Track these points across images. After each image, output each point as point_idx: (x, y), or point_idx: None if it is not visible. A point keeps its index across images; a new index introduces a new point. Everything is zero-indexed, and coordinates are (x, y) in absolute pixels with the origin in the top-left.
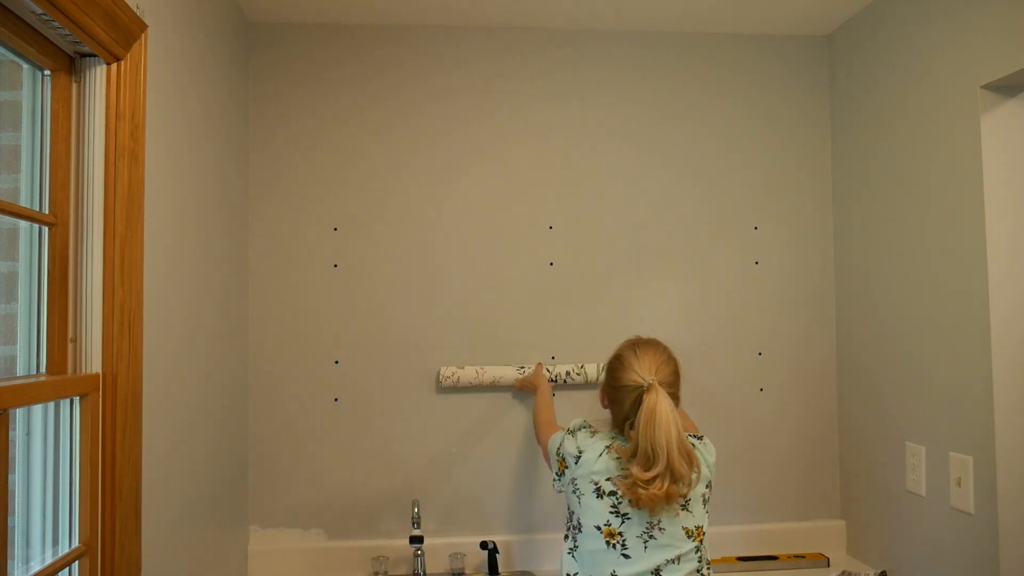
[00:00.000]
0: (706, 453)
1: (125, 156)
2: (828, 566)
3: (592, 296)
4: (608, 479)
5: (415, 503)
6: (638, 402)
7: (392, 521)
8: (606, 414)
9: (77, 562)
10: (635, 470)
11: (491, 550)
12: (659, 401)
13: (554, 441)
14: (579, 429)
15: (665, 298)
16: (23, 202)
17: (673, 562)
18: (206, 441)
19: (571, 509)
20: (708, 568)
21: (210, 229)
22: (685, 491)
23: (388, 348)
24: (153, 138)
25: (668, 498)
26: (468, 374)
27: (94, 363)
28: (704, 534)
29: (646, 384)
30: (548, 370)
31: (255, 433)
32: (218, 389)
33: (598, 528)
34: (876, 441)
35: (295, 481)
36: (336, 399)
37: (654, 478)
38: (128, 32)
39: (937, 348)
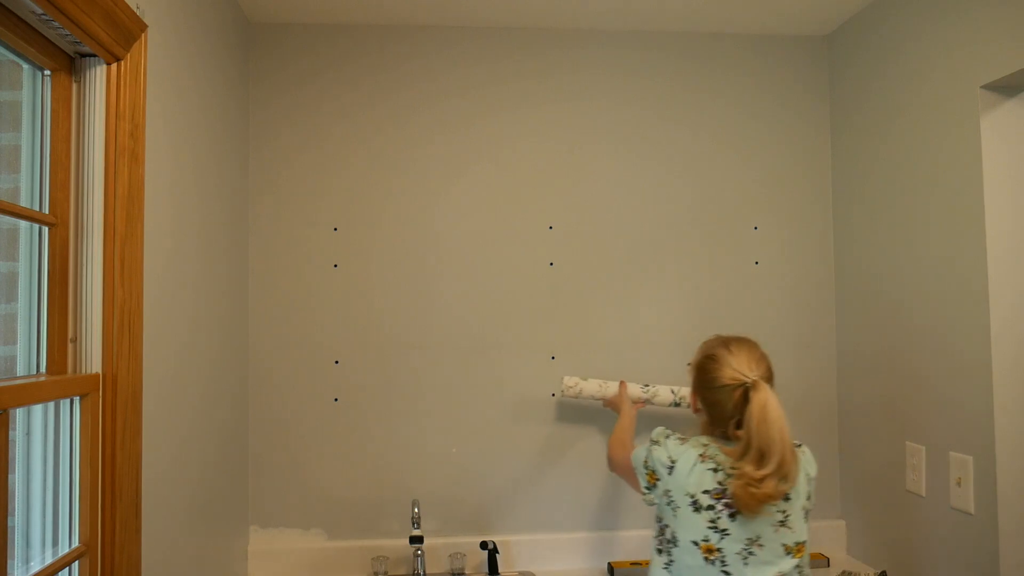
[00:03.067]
0: (806, 464)
1: (125, 156)
2: (828, 566)
3: (592, 296)
4: (705, 492)
5: (415, 503)
6: (743, 400)
7: (392, 521)
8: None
9: (77, 562)
10: (748, 468)
11: (491, 550)
12: (769, 397)
13: (639, 454)
14: (667, 437)
15: (665, 298)
16: (23, 202)
17: None
18: (206, 441)
19: (664, 522)
20: None
21: (210, 229)
22: (787, 489)
23: (388, 348)
24: (153, 138)
25: (776, 497)
26: (591, 386)
27: (94, 363)
28: (805, 551)
29: (750, 381)
30: (673, 391)
31: (255, 433)
32: (218, 389)
33: (695, 543)
34: (876, 441)
35: (295, 481)
36: (336, 399)
37: (766, 476)
38: (128, 32)
39: (937, 348)
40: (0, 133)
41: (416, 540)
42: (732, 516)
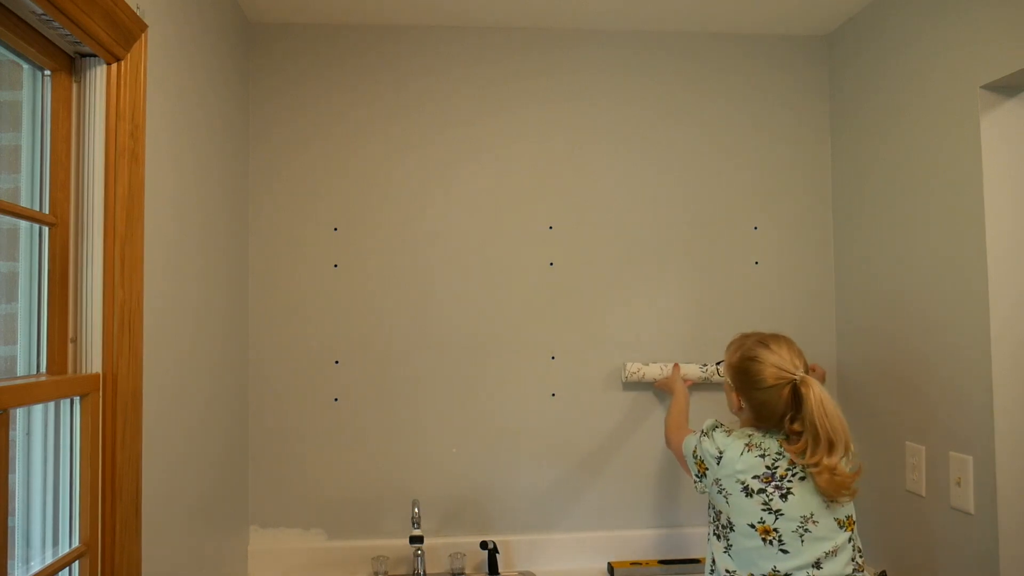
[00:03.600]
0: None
1: (125, 156)
2: None
3: (592, 296)
4: (755, 476)
5: (415, 503)
6: (792, 396)
7: (392, 521)
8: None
9: (77, 562)
10: (824, 460)
11: (491, 550)
12: (822, 390)
13: (689, 444)
14: (713, 429)
15: (665, 298)
16: (23, 202)
17: (831, 554)
18: (207, 441)
19: (718, 509)
20: (862, 557)
21: (210, 229)
22: (858, 465)
23: (388, 348)
24: (153, 138)
25: (854, 477)
26: (653, 370)
27: (94, 363)
28: (855, 524)
29: (799, 377)
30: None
31: (255, 433)
32: (218, 389)
33: (752, 526)
34: (876, 441)
35: (295, 481)
36: (336, 399)
37: (839, 462)
38: (128, 32)
39: (937, 348)
40: (0, 133)
41: (416, 540)
42: (783, 496)
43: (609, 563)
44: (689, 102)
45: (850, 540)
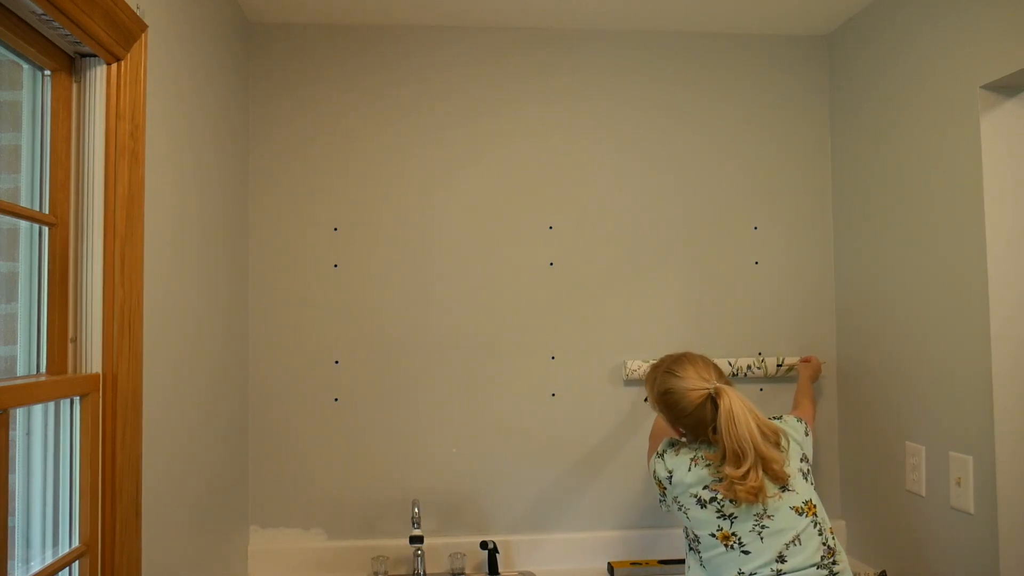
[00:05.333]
0: (789, 429)
1: (125, 156)
2: None
3: (592, 296)
4: (705, 487)
5: (415, 503)
6: (715, 408)
7: (392, 521)
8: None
9: (77, 562)
10: (728, 470)
11: (491, 550)
12: (732, 399)
13: (650, 467)
14: (665, 451)
15: (665, 298)
16: (23, 202)
17: (794, 543)
18: (207, 441)
19: (683, 525)
20: (834, 539)
21: (210, 229)
22: (779, 467)
23: (388, 348)
24: (153, 138)
25: (773, 480)
26: None
27: (94, 363)
28: (816, 506)
29: (712, 388)
30: (730, 363)
31: (255, 433)
32: (218, 389)
33: (712, 535)
34: (876, 441)
35: (295, 481)
36: (336, 399)
37: (747, 471)
38: (128, 32)
39: (937, 348)
40: (0, 133)
41: (416, 540)
42: (733, 500)
43: (609, 563)
44: (689, 102)
45: (815, 526)
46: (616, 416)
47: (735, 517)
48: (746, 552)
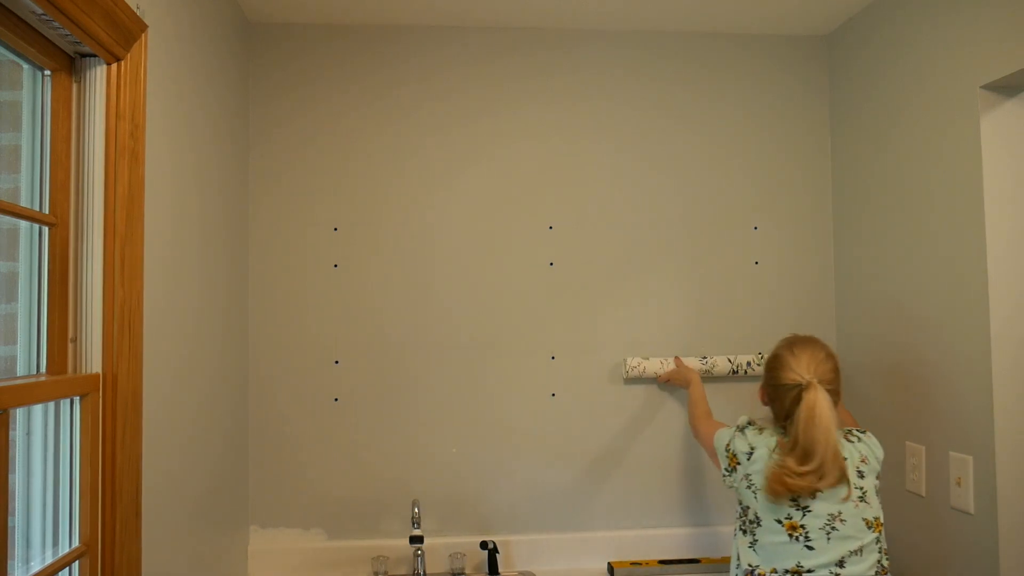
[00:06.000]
0: (873, 447)
1: (125, 156)
2: None
3: (592, 296)
4: None
5: (415, 503)
6: (797, 399)
7: (392, 521)
8: (766, 410)
9: (77, 562)
10: (790, 461)
11: (491, 550)
12: (818, 400)
13: (721, 438)
14: (747, 426)
15: (665, 298)
16: (23, 202)
17: (856, 553)
18: (206, 441)
19: (745, 504)
20: (887, 560)
21: (210, 229)
22: (822, 487)
23: (388, 348)
24: (153, 138)
25: (807, 492)
26: (654, 364)
27: (94, 363)
28: (882, 526)
29: (805, 382)
30: (730, 360)
31: (255, 433)
32: (218, 389)
33: (779, 521)
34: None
35: (295, 481)
36: (336, 399)
37: (806, 473)
38: (128, 32)
39: (937, 348)
40: (0, 133)
41: (416, 540)
42: (813, 494)
43: (609, 563)
44: (689, 102)
45: (877, 542)
46: (617, 416)
47: (809, 510)
48: (810, 547)
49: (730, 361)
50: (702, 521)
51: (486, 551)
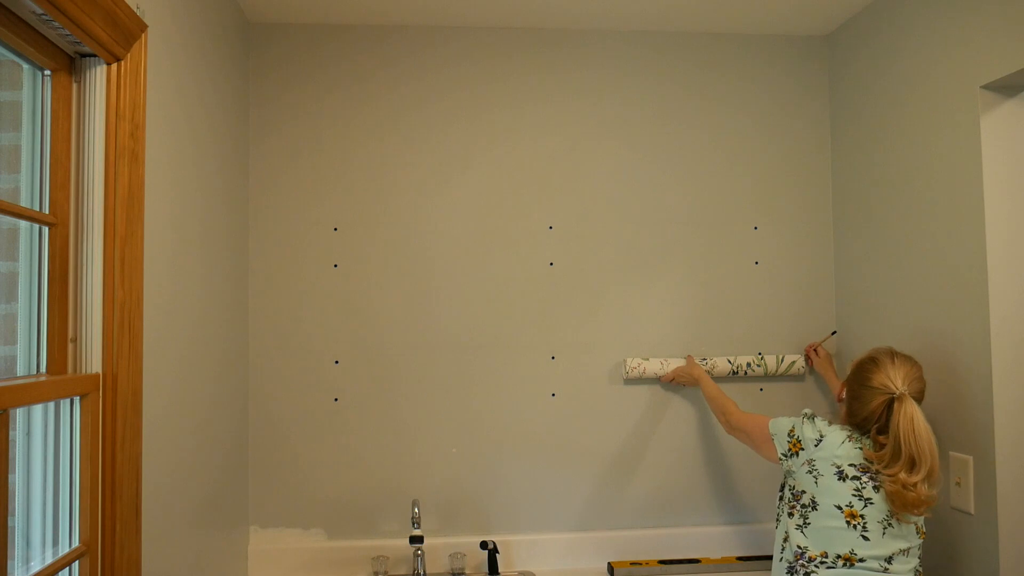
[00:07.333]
0: None
1: (125, 156)
2: None
3: (592, 296)
4: (851, 464)
5: (415, 503)
6: (886, 407)
7: (392, 521)
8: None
9: (77, 562)
10: (901, 474)
11: (491, 550)
12: (916, 409)
13: (782, 424)
14: (814, 417)
15: (665, 298)
16: (23, 202)
17: (904, 553)
18: (206, 440)
19: (800, 488)
20: (920, 567)
21: (210, 229)
22: (935, 494)
23: (388, 348)
24: (153, 138)
25: (930, 501)
26: (653, 365)
27: (94, 363)
28: (925, 534)
29: (898, 392)
30: (730, 361)
31: (255, 433)
32: (218, 389)
33: (839, 508)
34: None
35: (295, 481)
36: (336, 399)
37: (918, 482)
38: (128, 32)
39: (937, 348)
40: (0, 133)
41: (416, 540)
42: (876, 488)
43: (609, 563)
44: (689, 102)
45: (919, 549)
46: (616, 416)
47: (871, 502)
48: (866, 537)
49: (730, 362)
50: (702, 521)
51: (486, 551)
